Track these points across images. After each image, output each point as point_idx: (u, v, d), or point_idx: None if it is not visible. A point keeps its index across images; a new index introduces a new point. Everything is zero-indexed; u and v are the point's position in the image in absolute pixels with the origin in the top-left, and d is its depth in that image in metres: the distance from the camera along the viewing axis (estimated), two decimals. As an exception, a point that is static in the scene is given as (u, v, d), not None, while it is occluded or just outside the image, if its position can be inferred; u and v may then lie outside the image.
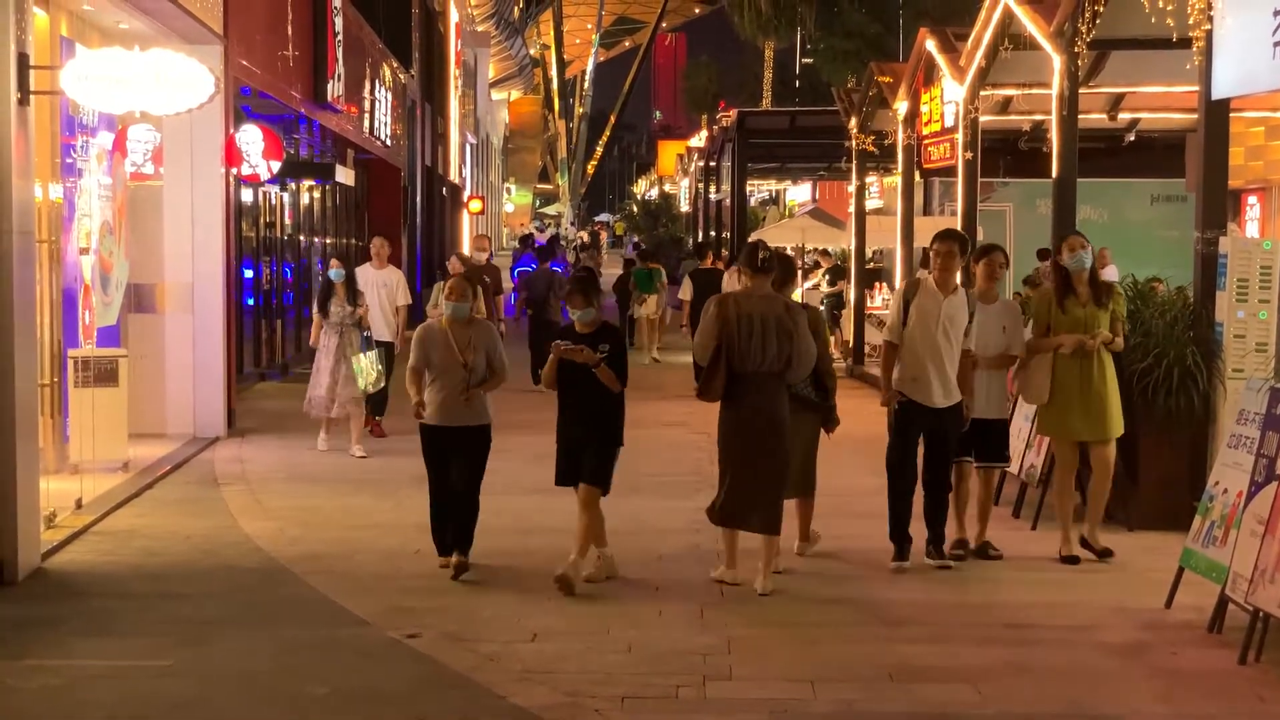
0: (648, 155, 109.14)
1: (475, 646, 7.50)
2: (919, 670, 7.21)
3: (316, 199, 24.81)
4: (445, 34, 40.94)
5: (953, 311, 9.19)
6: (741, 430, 8.69)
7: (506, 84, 70.44)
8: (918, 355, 9.16)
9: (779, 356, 8.56)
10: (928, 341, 9.14)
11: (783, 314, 8.63)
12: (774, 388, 8.64)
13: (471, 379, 9.05)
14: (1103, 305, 9.55)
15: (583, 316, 8.93)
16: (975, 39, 15.81)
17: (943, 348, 9.14)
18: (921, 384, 9.17)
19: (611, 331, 9.09)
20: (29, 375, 9.26)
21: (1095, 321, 9.49)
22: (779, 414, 8.65)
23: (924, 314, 9.17)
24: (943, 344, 9.13)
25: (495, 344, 9.28)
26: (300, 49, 19.14)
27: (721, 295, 8.91)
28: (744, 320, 8.55)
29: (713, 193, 43.08)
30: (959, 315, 9.20)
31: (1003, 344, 9.63)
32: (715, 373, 8.63)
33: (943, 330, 9.14)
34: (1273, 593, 7.18)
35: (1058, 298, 9.58)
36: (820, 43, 48.64)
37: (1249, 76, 10.07)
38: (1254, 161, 19.85)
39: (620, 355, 8.96)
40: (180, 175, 14.37)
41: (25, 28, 9.17)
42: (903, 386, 9.24)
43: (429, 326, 9.34)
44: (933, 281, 9.28)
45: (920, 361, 9.15)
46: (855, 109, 23.01)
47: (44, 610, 8.26)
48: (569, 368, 8.82)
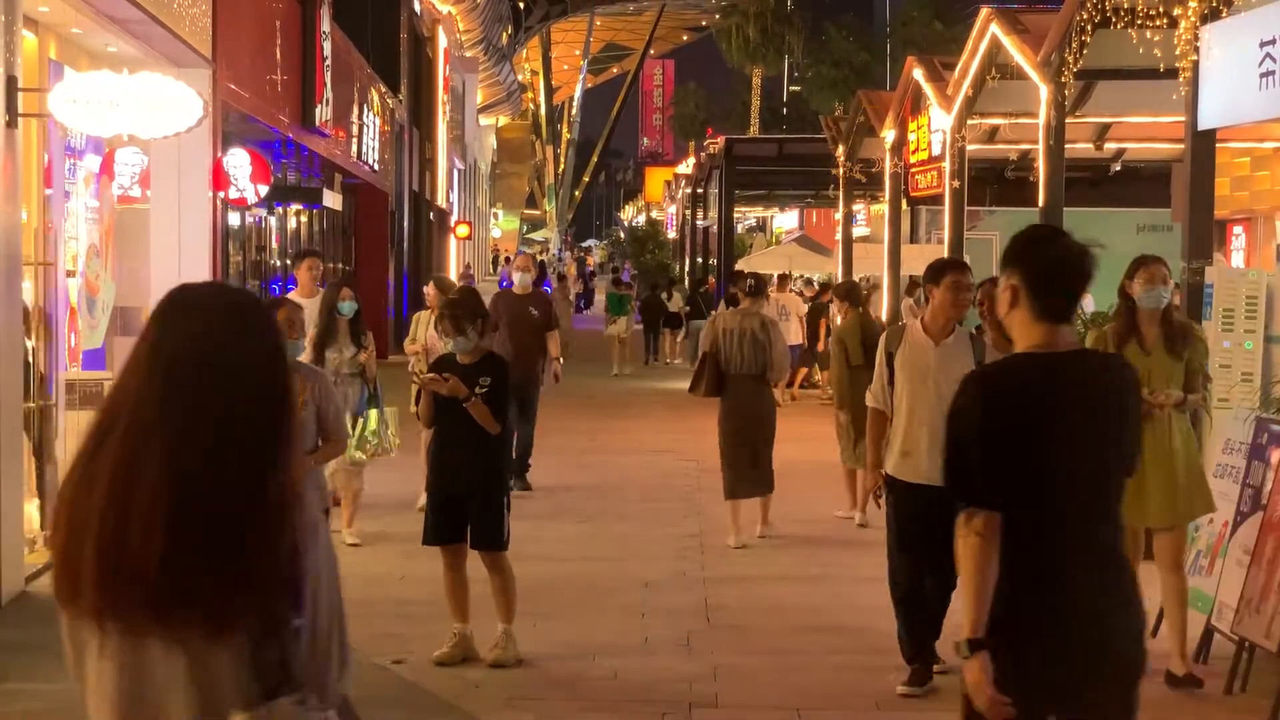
0: (635, 182, 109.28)
1: (461, 673, 7.48)
2: (906, 700, 7.19)
3: (304, 223, 24.81)
4: (434, 59, 41.01)
5: (947, 361, 7.14)
6: (731, 417, 10.90)
7: (494, 109, 70.51)
8: (909, 423, 7.27)
9: (755, 361, 10.76)
10: (918, 403, 7.25)
11: (758, 328, 10.80)
12: (753, 386, 10.85)
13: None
14: (1176, 353, 7.33)
15: (458, 346, 7.67)
16: (963, 68, 15.87)
17: (938, 409, 6.34)
18: (914, 459, 7.21)
19: (495, 364, 7.73)
20: (14, 398, 9.23)
21: (1166, 374, 7.30)
22: (759, 407, 10.92)
23: (912, 369, 7.31)
24: (938, 404, 6.61)
25: (329, 396, 7.17)
26: (288, 73, 19.15)
27: (713, 315, 9.61)
28: (729, 333, 10.82)
29: (700, 219, 43.15)
30: (957, 365, 6.84)
31: None
32: (703, 374, 10.92)
33: (936, 385, 7.09)
34: (1259, 622, 7.18)
35: (1117, 341, 7.30)
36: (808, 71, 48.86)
37: (1235, 107, 10.12)
38: (1239, 192, 19.93)
39: (499, 391, 7.58)
40: (168, 199, 14.35)
41: (14, 50, 9.17)
42: (894, 467, 7.34)
43: None
44: (919, 326, 7.43)
45: (911, 430, 7.24)
46: (843, 137, 23.09)
47: (27, 635, 8.21)
48: (446, 404, 7.55)
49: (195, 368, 2.42)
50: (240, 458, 2.41)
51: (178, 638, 2.38)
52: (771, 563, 10.01)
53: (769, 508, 11.06)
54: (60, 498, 2.48)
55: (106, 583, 2.37)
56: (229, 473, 2.39)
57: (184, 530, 2.35)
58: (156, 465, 2.37)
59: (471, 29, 51.54)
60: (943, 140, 17.25)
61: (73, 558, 2.40)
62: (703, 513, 11.99)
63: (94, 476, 2.41)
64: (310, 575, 2.48)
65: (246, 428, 2.42)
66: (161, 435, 2.38)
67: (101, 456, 2.41)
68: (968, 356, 7.18)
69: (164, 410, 2.39)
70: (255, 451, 2.42)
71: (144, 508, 2.35)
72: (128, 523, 2.35)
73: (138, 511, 2.36)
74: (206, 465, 2.38)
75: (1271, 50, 9.29)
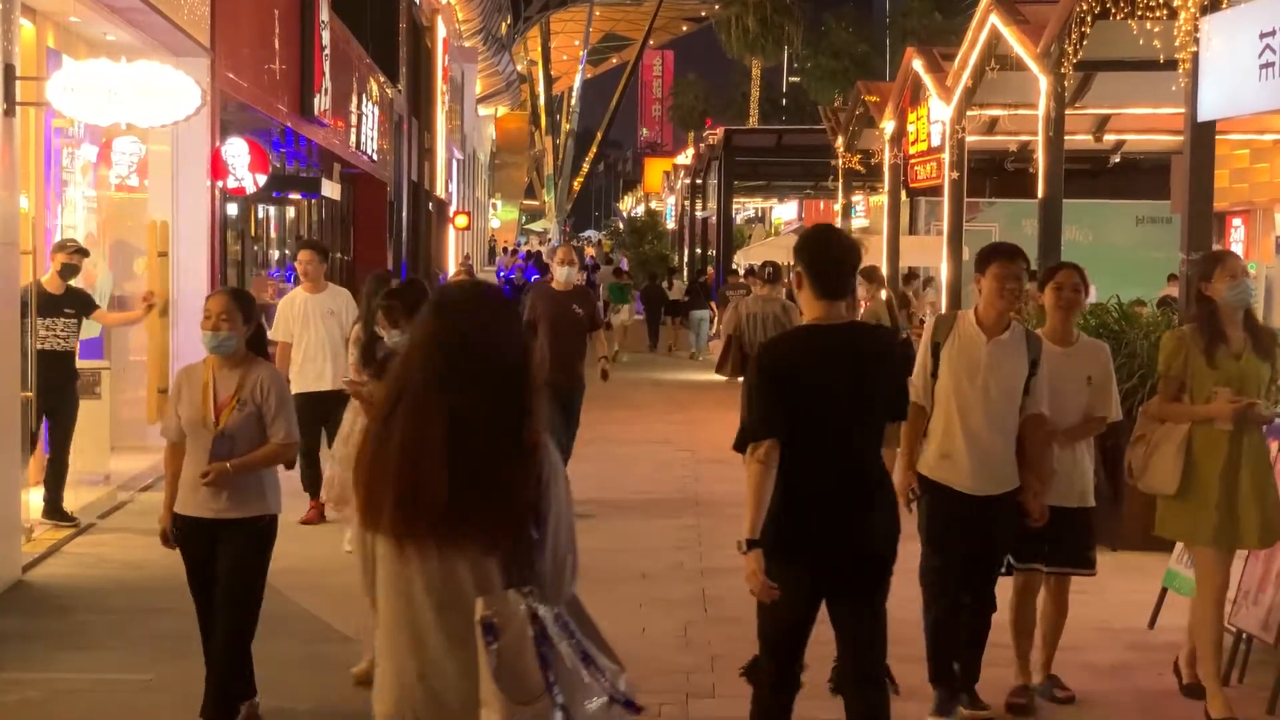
0: (634, 172, 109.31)
1: (458, 663, 7.47)
2: (903, 690, 7.18)
3: (303, 212, 24.78)
4: (433, 49, 40.95)
5: (1000, 359, 6.51)
6: None
7: (494, 100, 70.43)
8: (949, 423, 6.57)
9: None
10: (964, 403, 6.54)
11: (779, 311, 12.33)
12: None
13: (220, 448, 6.17)
14: (1266, 355, 6.81)
15: (395, 340, 7.32)
16: (962, 59, 15.86)
17: (985, 411, 6.49)
18: (954, 463, 6.54)
19: None
20: (11, 386, 9.22)
21: (1258, 378, 6.78)
22: None
23: (959, 364, 6.55)
24: (985, 406, 6.48)
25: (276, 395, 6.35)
26: (287, 63, 19.11)
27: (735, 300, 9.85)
28: (752, 317, 12.37)
29: (699, 210, 43.15)
30: (1010, 364, 6.50)
31: (1085, 403, 6.94)
32: (728, 355, 12.39)
33: (985, 386, 6.49)
34: (1256, 614, 7.19)
35: (1204, 343, 6.71)
36: (807, 62, 48.87)
37: (1235, 99, 10.10)
38: (1239, 184, 19.92)
39: None
40: (165, 188, 14.34)
41: (11, 38, 9.15)
42: (928, 467, 6.64)
43: (189, 369, 6.45)
44: (973, 317, 6.64)
45: (952, 431, 6.55)
46: (842, 128, 23.07)
47: (24, 624, 8.21)
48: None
49: (466, 349, 3.26)
50: (500, 416, 3.24)
51: (457, 549, 3.23)
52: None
53: None
54: (361, 449, 3.34)
55: (403, 511, 3.23)
56: (492, 427, 3.23)
57: (462, 471, 3.20)
58: (440, 423, 3.21)
59: (470, 19, 51.49)
60: (942, 131, 17.24)
61: (375, 494, 3.27)
62: (701, 503, 11.98)
63: (390, 433, 3.25)
64: (554, 501, 3.29)
65: (504, 394, 3.25)
66: (442, 400, 3.22)
67: (395, 418, 3.25)
68: (1022, 356, 6.50)
69: (443, 382, 3.22)
70: (510, 411, 3.25)
71: (432, 455, 3.20)
72: (420, 466, 3.20)
73: (427, 458, 3.20)
74: (476, 422, 3.22)
75: (1271, 41, 9.28)
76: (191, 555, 6.31)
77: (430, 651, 3.28)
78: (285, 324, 11.11)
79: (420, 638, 3.29)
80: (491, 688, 3.15)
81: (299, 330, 11.07)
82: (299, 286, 11.48)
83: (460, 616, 3.22)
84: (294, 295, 11.33)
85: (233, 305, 6.24)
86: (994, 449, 6.46)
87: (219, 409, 6.17)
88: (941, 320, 6.82)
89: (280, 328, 11.04)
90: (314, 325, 11.09)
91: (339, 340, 10.91)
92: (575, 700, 3.21)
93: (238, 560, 6.25)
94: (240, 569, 6.26)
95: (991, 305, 6.52)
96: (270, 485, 6.41)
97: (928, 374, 6.63)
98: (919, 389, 6.62)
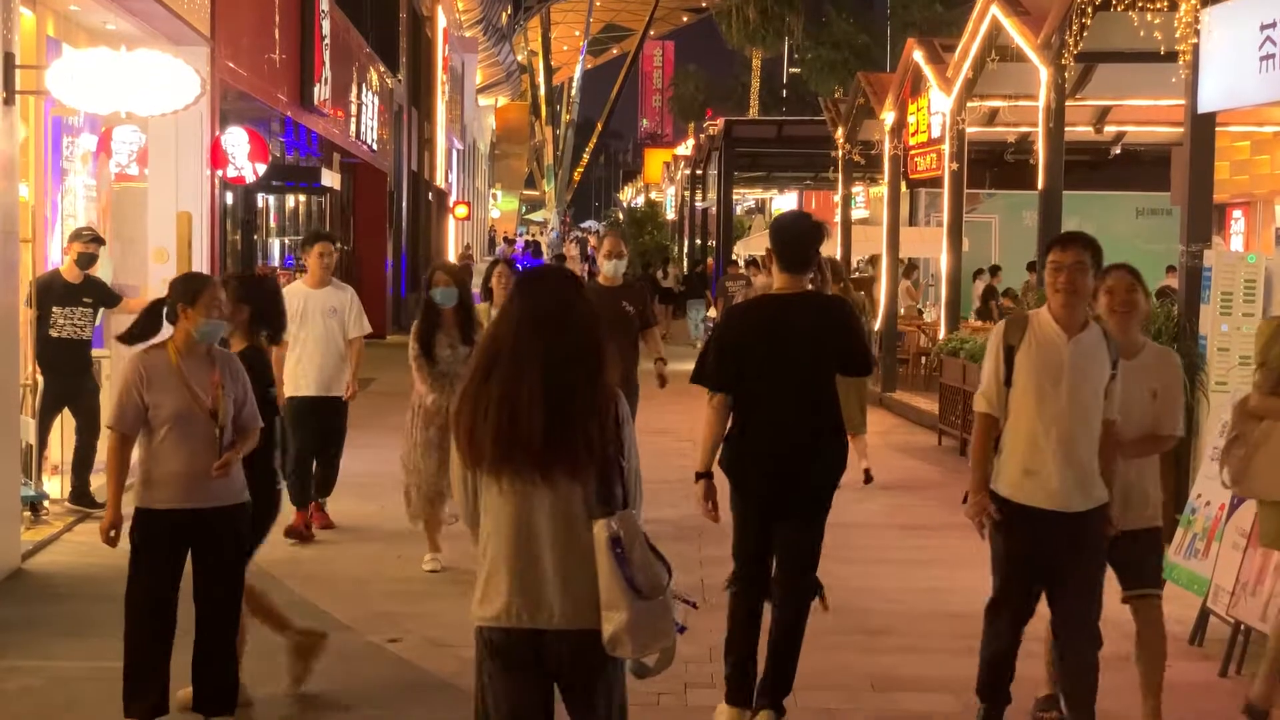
0: (634, 163, 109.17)
1: (457, 651, 7.47)
2: (901, 679, 7.21)
3: (302, 202, 24.78)
4: (433, 39, 40.92)
5: (1083, 360, 5.83)
6: None
7: (494, 90, 70.37)
8: (1031, 434, 5.83)
9: None
10: (1051, 411, 5.81)
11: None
12: None
13: (227, 436, 6.16)
14: None
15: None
16: (963, 50, 15.85)
17: (1074, 418, 5.80)
18: (1040, 480, 5.81)
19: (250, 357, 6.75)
20: (11, 375, 9.22)
21: None
22: None
23: (1040, 368, 5.84)
24: (1073, 412, 5.80)
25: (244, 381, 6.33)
26: (287, 52, 19.10)
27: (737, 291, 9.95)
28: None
29: (699, 201, 43.12)
30: (1094, 365, 5.85)
31: (1149, 418, 6.18)
32: None
33: (1071, 390, 5.80)
34: (1254, 605, 7.20)
35: None
36: (808, 52, 48.78)
37: (1235, 91, 10.10)
38: (1239, 176, 19.92)
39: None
40: (165, 177, 14.32)
41: (11, 27, 9.15)
42: (1010, 488, 5.89)
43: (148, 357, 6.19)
44: (1048, 315, 5.90)
45: (1037, 444, 5.81)
46: (842, 119, 23.06)
47: (23, 611, 8.22)
48: None
49: (550, 318, 4.02)
50: (581, 371, 4.00)
51: (549, 479, 3.96)
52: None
53: None
54: (463, 397, 4.06)
55: (503, 451, 3.97)
56: (576, 380, 3.98)
57: (553, 416, 3.94)
58: (534, 377, 3.96)
59: (471, 9, 51.44)
60: (942, 122, 17.24)
61: (477, 437, 3.99)
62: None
63: (489, 389, 3.99)
64: (629, 439, 4.08)
65: (584, 353, 4.01)
66: (534, 359, 3.97)
67: (493, 375, 4.00)
68: (1104, 356, 5.86)
69: (533, 345, 3.98)
70: (589, 367, 4.01)
71: (527, 403, 3.95)
72: (517, 413, 3.94)
73: (524, 406, 3.94)
74: (563, 376, 3.97)
75: (1272, 33, 9.28)
76: (176, 550, 6.15)
77: (528, 564, 3.99)
78: None
79: (520, 554, 3.99)
80: (619, 591, 3.93)
81: (296, 328, 9.96)
82: (299, 280, 10.77)
83: (551, 535, 3.98)
84: (293, 289, 10.37)
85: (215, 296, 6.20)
86: (1087, 460, 5.82)
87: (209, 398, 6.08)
88: (1013, 322, 6.06)
89: None
90: (312, 323, 10.19)
91: (339, 341, 10.24)
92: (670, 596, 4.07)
93: (236, 542, 6.25)
94: (238, 552, 6.27)
95: (1051, 299, 5.90)
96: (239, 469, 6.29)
97: (1000, 381, 5.92)
98: (990, 398, 5.96)
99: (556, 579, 3.98)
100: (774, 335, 6.13)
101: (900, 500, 12.40)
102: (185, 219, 14.13)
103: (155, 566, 6.12)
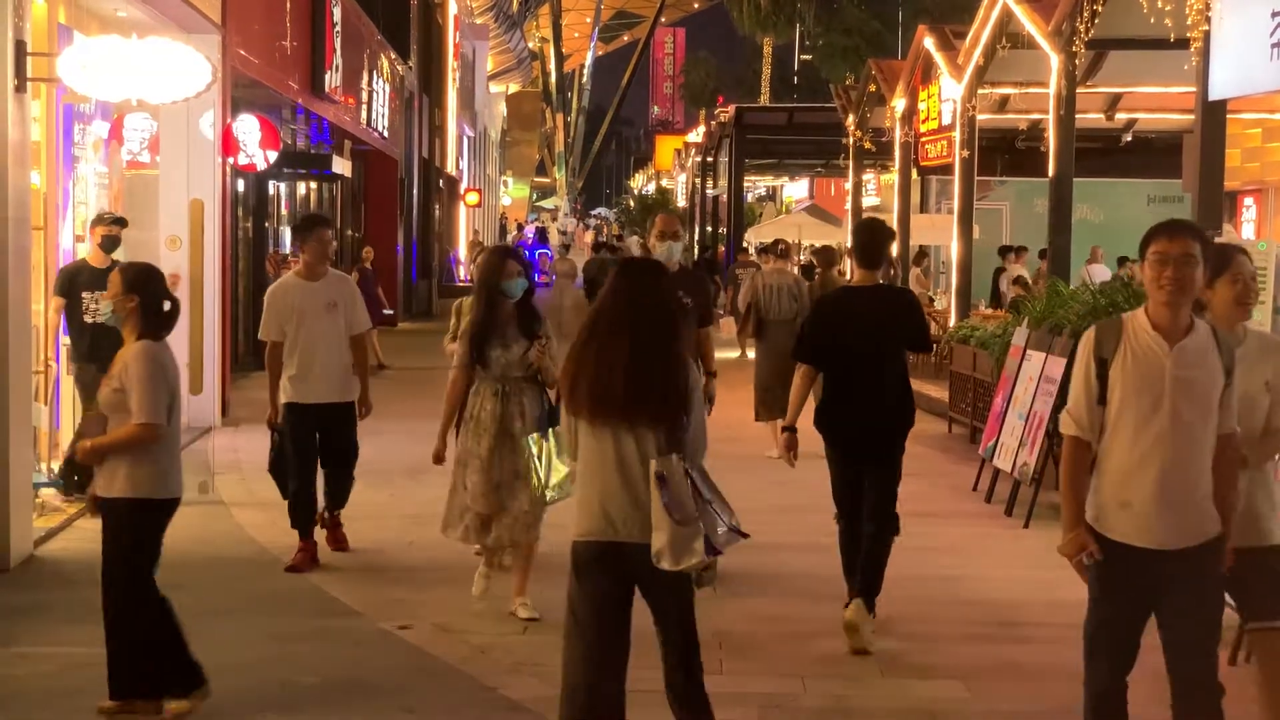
0: (645, 150, 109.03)
1: (466, 638, 7.50)
2: (909, 667, 7.22)
3: (313, 189, 24.79)
4: (444, 26, 40.89)
5: (1189, 371, 4.93)
6: (769, 355, 13.44)
7: (505, 77, 70.30)
8: (1127, 461, 4.97)
9: (789, 309, 13.54)
10: (1147, 434, 4.93)
11: (791, 283, 13.97)
12: (787, 330, 12.65)
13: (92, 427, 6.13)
14: None
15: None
16: (974, 37, 15.83)
17: (1176, 441, 4.91)
18: (1136, 513, 4.95)
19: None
20: (23, 362, 9.25)
21: None
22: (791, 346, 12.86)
23: (1137, 385, 4.94)
24: (1176, 434, 4.90)
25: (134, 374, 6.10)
26: (298, 39, 19.12)
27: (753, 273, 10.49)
28: (768, 288, 13.81)
29: (710, 188, 43.06)
30: (1202, 375, 4.95)
31: (1262, 414, 5.39)
32: (748, 320, 13.97)
33: (1175, 409, 4.90)
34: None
35: None
36: (819, 39, 48.63)
37: (1246, 78, 10.08)
38: (1250, 163, 19.89)
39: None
40: (177, 164, 14.35)
41: (23, 14, 9.16)
42: (1102, 521, 5.02)
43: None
44: (1146, 319, 5.00)
45: (1133, 471, 4.95)
46: (853, 106, 23.04)
47: (36, 597, 8.26)
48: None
49: (641, 298, 5.08)
50: (660, 340, 5.03)
51: (631, 426, 4.99)
52: (775, 530, 10.01)
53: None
54: (570, 357, 5.11)
55: (596, 401, 5.01)
56: (656, 347, 5.01)
57: (637, 374, 4.97)
58: (625, 343, 5.00)
59: (482, -5, 51.38)
60: (953, 109, 17.21)
61: (577, 389, 5.05)
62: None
63: (588, 351, 5.04)
64: (695, 402, 5.05)
65: (663, 326, 5.05)
66: (626, 329, 5.02)
67: (592, 340, 5.06)
68: (1215, 363, 4.96)
69: (625, 318, 5.04)
70: (666, 337, 5.05)
71: (618, 364, 4.98)
72: (610, 371, 4.99)
73: (616, 366, 4.98)
74: (647, 343, 5.00)
75: (1283, 20, 9.25)
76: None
77: (611, 493, 5.02)
78: (276, 320, 9.05)
79: (605, 482, 5.03)
80: (661, 515, 4.88)
81: (292, 327, 9.03)
82: (290, 272, 9.63)
83: (632, 470, 4.99)
84: (285, 284, 9.26)
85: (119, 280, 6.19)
86: (1194, 488, 4.94)
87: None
88: (1105, 328, 5.10)
89: (270, 324, 9.07)
90: (310, 321, 9.06)
91: (341, 339, 9.14)
92: (711, 526, 4.94)
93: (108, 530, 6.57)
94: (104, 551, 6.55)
95: (1152, 300, 4.99)
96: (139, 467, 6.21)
97: (1093, 399, 5.02)
98: (1081, 420, 5.07)
99: (631, 504, 4.99)
100: (855, 320, 7.62)
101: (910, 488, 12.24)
102: (197, 206, 14.17)
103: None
